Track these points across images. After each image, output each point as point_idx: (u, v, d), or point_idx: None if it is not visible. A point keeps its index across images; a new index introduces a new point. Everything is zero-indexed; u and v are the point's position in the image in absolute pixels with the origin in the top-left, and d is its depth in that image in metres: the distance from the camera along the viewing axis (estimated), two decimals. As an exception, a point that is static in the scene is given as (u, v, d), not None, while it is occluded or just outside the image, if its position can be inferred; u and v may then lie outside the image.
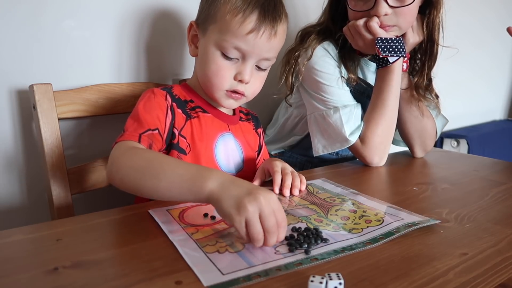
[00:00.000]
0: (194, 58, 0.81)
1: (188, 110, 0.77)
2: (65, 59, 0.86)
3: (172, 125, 0.73)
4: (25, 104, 0.82)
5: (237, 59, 0.73)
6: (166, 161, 0.59)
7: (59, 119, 0.79)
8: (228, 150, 0.80)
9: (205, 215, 0.60)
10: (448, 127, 1.79)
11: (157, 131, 0.69)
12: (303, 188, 0.73)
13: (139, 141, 0.65)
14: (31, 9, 0.80)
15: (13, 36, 0.79)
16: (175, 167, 0.57)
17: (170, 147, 0.73)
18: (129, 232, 0.55)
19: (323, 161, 1.08)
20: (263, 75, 0.78)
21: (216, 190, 0.51)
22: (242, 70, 0.73)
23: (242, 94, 0.75)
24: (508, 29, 0.91)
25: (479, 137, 1.88)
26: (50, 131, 0.78)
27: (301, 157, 1.10)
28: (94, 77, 0.89)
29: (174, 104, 0.74)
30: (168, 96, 0.74)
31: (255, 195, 0.48)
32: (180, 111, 0.75)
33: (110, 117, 0.89)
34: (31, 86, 0.77)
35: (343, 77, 0.93)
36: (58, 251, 0.49)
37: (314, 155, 0.96)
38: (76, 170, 0.82)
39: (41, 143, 0.78)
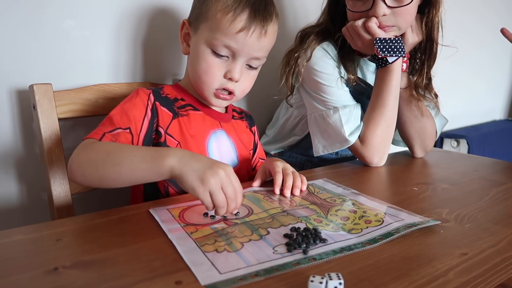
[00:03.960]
0: (187, 57, 0.81)
1: (176, 108, 0.77)
2: (65, 59, 0.86)
3: (155, 124, 0.73)
4: (25, 104, 0.82)
5: (227, 57, 0.73)
6: (125, 148, 0.63)
7: (59, 119, 0.79)
8: (221, 147, 0.80)
9: (205, 214, 0.60)
10: (448, 127, 1.79)
11: (128, 130, 0.70)
12: (304, 188, 0.73)
13: (100, 140, 0.66)
14: (31, 9, 0.80)
15: (13, 36, 0.79)
16: (134, 151, 0.61)
17: (157, 146, 0.73)
18: (129, 232, 0.55)
19: (323, 161, 1.08)
20: (254, 74, 0.79)
21: (177, 165, 0.56)
22: (232, 68, 0.73)
23: (232, 92, 0.76)
24: (502, 31, 0.91)
25: (479, 137, 1.88)
26: (50, 131, 0.78)
27: (301, 156, 1.10)
28: (94, 77, 0.89)
29: (157, 103, 0.74)
30: (151, 95, 0.75)
31: (215, 168, 0.55)
32: (165, 109, 0.75)
33: (110, 117, 0.89)
34: (31, 86, 0.77)
35: (343, 78, 0.93)
36: (58, 251, 0.49)
37: (315, 155, 0.96)
38: (76, 170, 0.82)
39: (41, 143, 0.78)
